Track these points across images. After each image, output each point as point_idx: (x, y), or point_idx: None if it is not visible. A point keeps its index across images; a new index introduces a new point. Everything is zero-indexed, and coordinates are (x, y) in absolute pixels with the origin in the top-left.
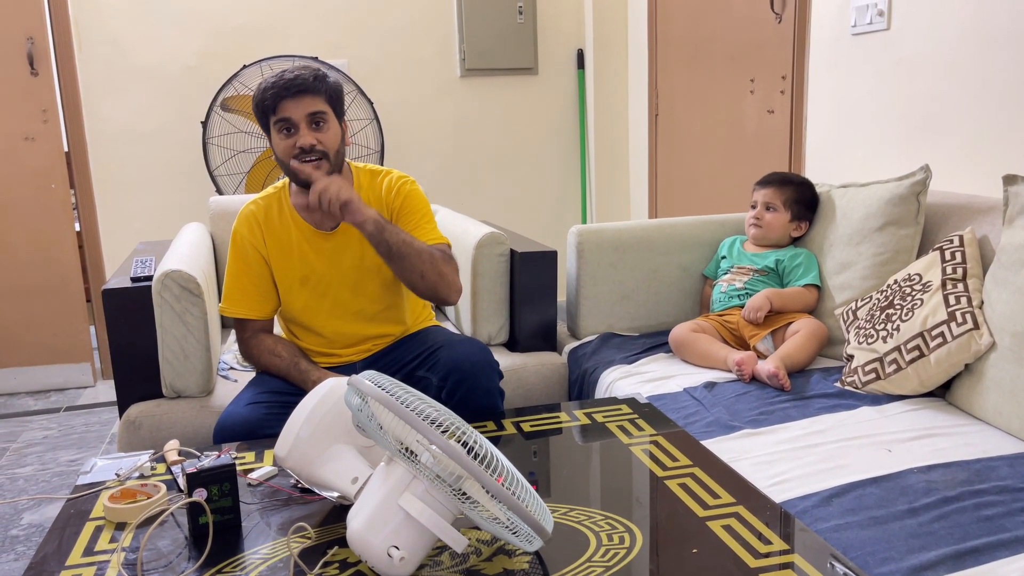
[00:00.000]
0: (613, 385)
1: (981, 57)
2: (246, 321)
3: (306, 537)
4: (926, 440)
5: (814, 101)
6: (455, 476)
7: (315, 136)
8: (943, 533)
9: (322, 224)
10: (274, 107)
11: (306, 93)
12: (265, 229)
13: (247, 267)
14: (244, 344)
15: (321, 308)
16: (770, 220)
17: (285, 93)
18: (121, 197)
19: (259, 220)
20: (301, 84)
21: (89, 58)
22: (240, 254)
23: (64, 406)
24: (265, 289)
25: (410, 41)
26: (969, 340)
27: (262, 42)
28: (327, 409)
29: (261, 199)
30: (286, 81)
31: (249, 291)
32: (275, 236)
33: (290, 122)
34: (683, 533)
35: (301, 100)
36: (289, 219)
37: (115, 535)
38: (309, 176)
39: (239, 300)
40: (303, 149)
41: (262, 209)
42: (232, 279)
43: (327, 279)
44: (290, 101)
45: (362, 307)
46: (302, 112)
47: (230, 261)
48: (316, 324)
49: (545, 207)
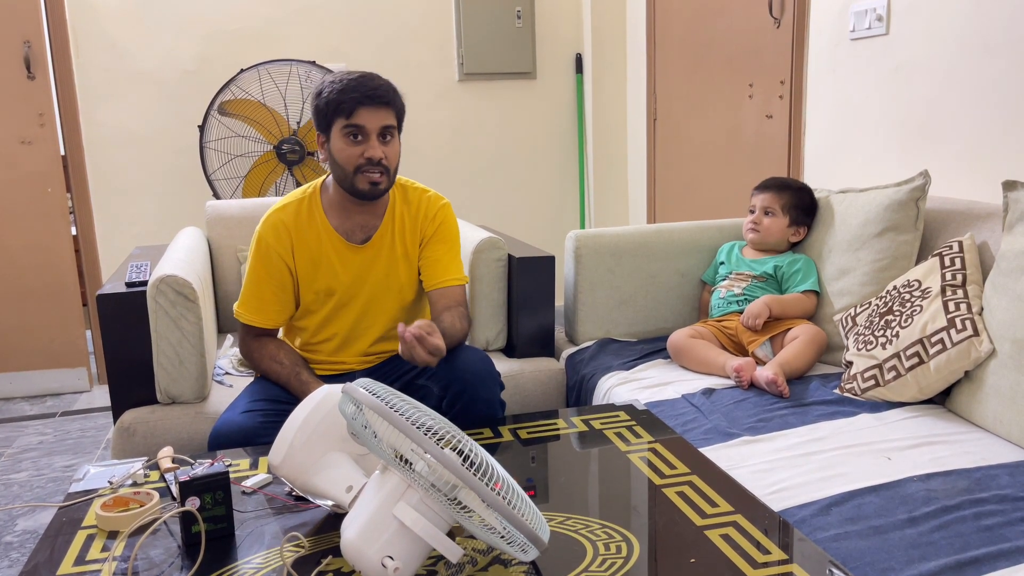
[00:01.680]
0: (611, 391)
1: (979, 62)
2: (254, 326)
3: (300, 547)
4: (925, 448)
5: (813, 106)
6: (450, 485)
7: (383, 149)
8: (943, 543)
9: (352, 235)
10: (351, 111)
11: (386, 105)
12: (295, 239)
13: (269, 276)
14: (247, 346)
15: (339, 320)
16: (768, 225)
17: (366, 101)
18: (118, 201)
19: (288, 229)
20: (384, 95)
21: (86, 62)
22: (263, 262)
23: (60, 411)
24: (285, 299)
25: (408, 45)
26: (969, 347)
27: (260, 46)
28: (321, 417)
29: (291, 204)
30: (369, 88)
31: (268, 299)
32: (305, 246)
33: (363, 130)
34: (681, 542)
35: (379, 111)
36: (320, 228)
37: (107, 544)
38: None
39: (256, 308)
40: (371, 160)
41: (292, 217)
42: (252, 285)
43: (351, 291)
44: (368, 109)
45: (377, 322)
46: (377, 123)
47: (251, 266)
48: (326, 334)
49: (543, 212)
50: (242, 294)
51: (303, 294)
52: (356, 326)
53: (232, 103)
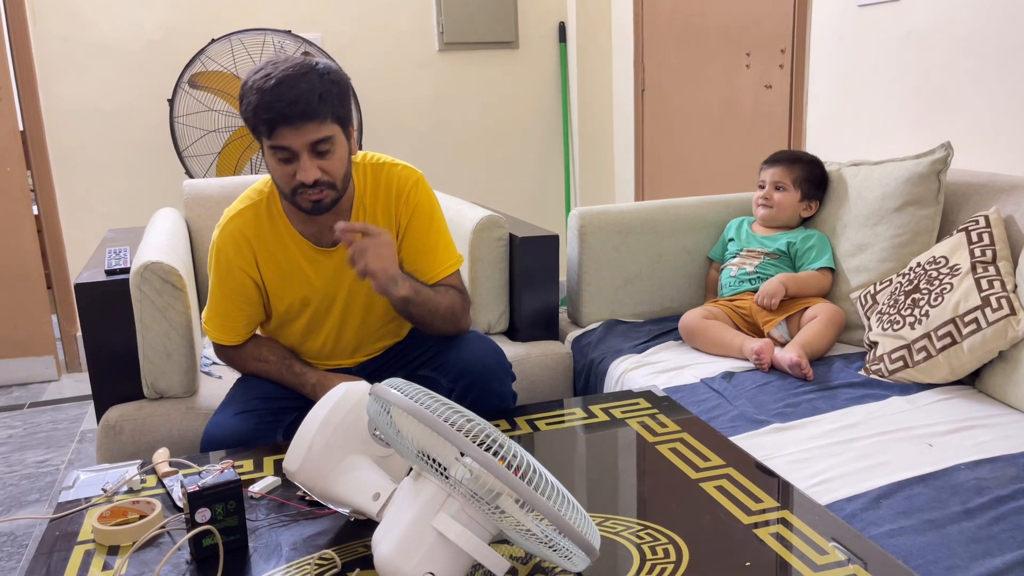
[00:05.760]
0: (624, 376)
1: (1001, 27)
2: (223, 344)
3: (331, 564)
4: (965, 433)
5: (816, 76)
6: (493, 493)
7: (319, 166)
8: (1005, 537)
9: (321, 239)
10: (270, 132)
11: (310, 120)
12: (257, 249)
13: (232, 293)
14: (225, 354)
15: (323, 328)
16: (780, 200)
17: (283, 121)
18: (83, 180)
19: (249, 239)
20: (304, 110)
21: (44, 32)
22: (224, 278)
23: (28, 402)
24: (252, 314)
25: (386, 14)
26: (1006, 326)
27: (231, 15)
28: (341, 417)
29: (248, 210)
30: (284, 104)
31: (235, 316)
32: (270, 255)
33: (289, 151)
34: (730, 544)
35: (303, 128)
36: (284, 233)
37: (108, 560)
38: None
39: (223, 325)
40: (304, 184)
41: (251, 225)
42: (216, 301)
43: (330, 298)
44: (290, 129)
45: (367, 324)
46: (303, 141)
47: (213, 281)
48: (316, 341)
49: (527, 186)
50: (207, 309)
51: (275, 305)
52: (342, 332)
53: (203, 75)
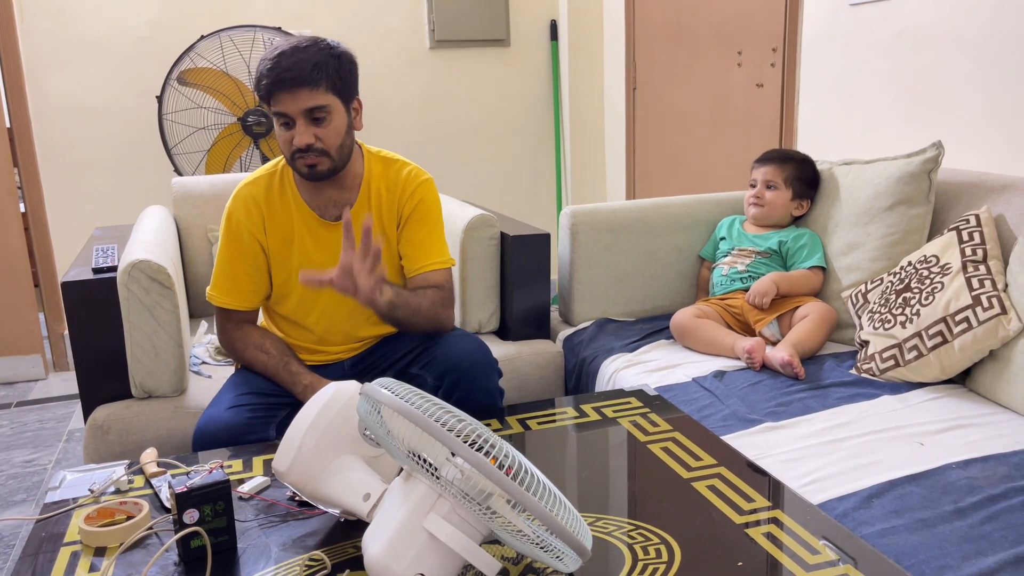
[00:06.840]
0: (616, 375)
1: (993, 27)
2: (231, 311)
3: (321, 565)
4: (956, 432)
5: (807, 75)
6: (485, 493)
7: (313, 132)
8: (997, 536)
9: (325, 211)
10: (269, 98)
11: (303, 86)
12: (267, 215)
13: (241, 255)
14: (227, 335)
15: (316, 304)
16: (771, 199)
17: (280, 86)
18: (71, 177)
19: (259, 204)
20: (296, 76)
21: (31, 29)
22: (234, 240)
23: (15, 401)
24: (259, 279)
25: (377, 11)
26: (996, 325)
27: (221, 11)
28: (331, 417)
29: (262, 178)
30: (281, 70)
31: (241, 280)
32: (276, 223)
33: (287, 116)
34: (723, 543)
35: (297, 94)
36: (292, 203)
37: (94, 562)
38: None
39: (230, 289)
40: (299, 149)
41: (262, 191)
42: (224, 265)
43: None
44: (286, 94)
45: (359, 308)
46: (298, 107)
47: (222, 245)
48: (308, 320)
49: (518, 184)
50: (214, 276)
51: (275, 274)
52: (337, 311)
53: (192, 72)
